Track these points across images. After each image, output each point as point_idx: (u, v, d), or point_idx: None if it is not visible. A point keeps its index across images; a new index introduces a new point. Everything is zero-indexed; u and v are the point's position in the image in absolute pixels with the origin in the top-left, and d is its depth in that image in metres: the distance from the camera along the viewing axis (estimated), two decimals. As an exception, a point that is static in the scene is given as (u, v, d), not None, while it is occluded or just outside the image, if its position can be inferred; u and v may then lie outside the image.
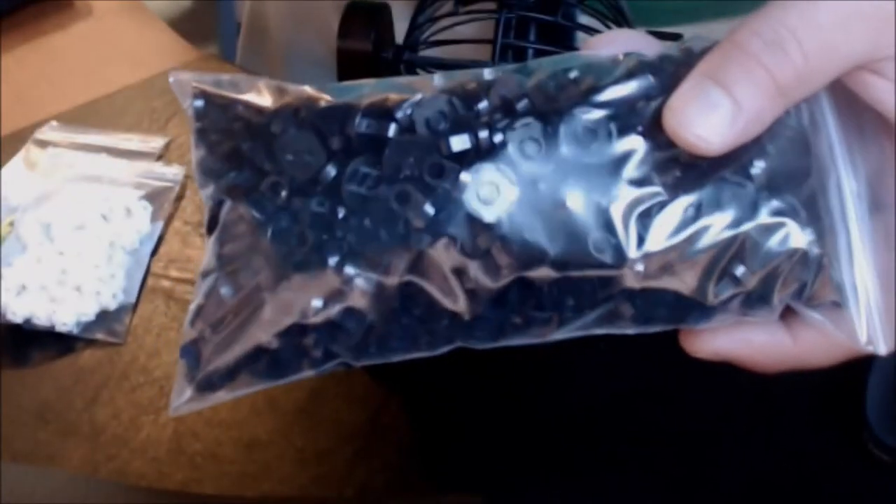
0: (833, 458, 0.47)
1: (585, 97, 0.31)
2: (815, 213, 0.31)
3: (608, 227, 0.30)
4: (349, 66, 0.50)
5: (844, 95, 0.32)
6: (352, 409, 0.49)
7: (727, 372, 0.50)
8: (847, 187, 0.32)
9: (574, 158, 0.30)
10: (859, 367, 0.48)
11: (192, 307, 0.33)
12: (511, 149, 0.30)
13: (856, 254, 0.31)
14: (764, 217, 0.30)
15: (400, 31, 0.52)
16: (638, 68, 0.31)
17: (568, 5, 0.50)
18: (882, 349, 0.31)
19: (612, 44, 0.33)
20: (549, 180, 0.30)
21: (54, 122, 0.66)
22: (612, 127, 0.30)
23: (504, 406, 0.49)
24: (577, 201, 0.30)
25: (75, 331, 0.53)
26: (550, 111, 0.30)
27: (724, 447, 0.47)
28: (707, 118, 0.29)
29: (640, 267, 0.30)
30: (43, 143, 0.64)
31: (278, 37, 0.73)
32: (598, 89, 0.31)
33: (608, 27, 0.50)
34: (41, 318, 0.52)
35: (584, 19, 0.51)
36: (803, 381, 0.50)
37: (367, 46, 0.49)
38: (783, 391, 0.49)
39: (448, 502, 0.46)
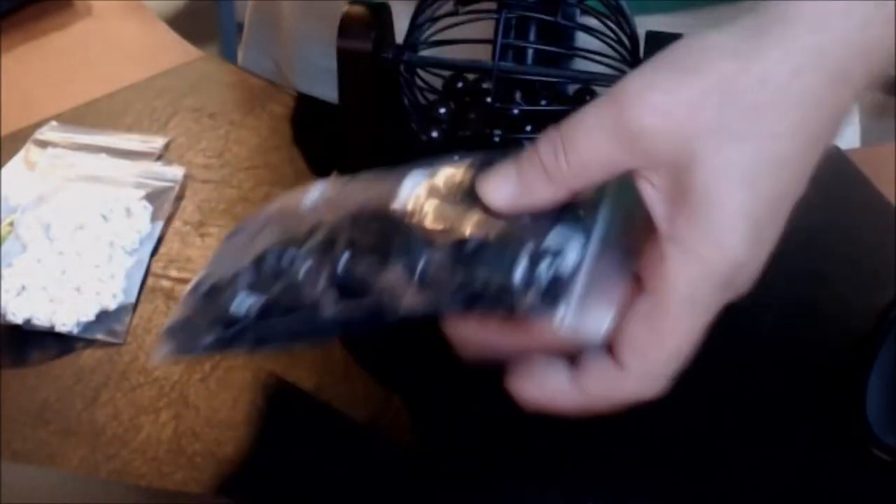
0: (833, 458, 0.47)
1: None
2: None
3: None
4: (349, 65, 0.50)
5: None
6: (352, 409, 0.49)
7: (727, 372, 0.50)
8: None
9: None
10: (859, 367, 0.48)
11: None
12: None
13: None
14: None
15: (400, 31, 0.52)
16: None
17: (568, 5, 0.50)
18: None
19: None
20: None
21: (54, 122, 0.66)
22: None
23: (504, 406, 0.49)
24: None
25: (75, 331, 0.52)
26: None
27: (724, 447, 0.47)
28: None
29: None
30: (43, 143, 0.64)
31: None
32: None
33: (608, 27, 0.50)
34: (41, 319, 0.52)
35: (584, 19, 0.51)
36: (803, 380, 0.50)
37: (367, 46, 0.49)
38: (783, 391, 0.49)
39: (448, 501, 0.46)
